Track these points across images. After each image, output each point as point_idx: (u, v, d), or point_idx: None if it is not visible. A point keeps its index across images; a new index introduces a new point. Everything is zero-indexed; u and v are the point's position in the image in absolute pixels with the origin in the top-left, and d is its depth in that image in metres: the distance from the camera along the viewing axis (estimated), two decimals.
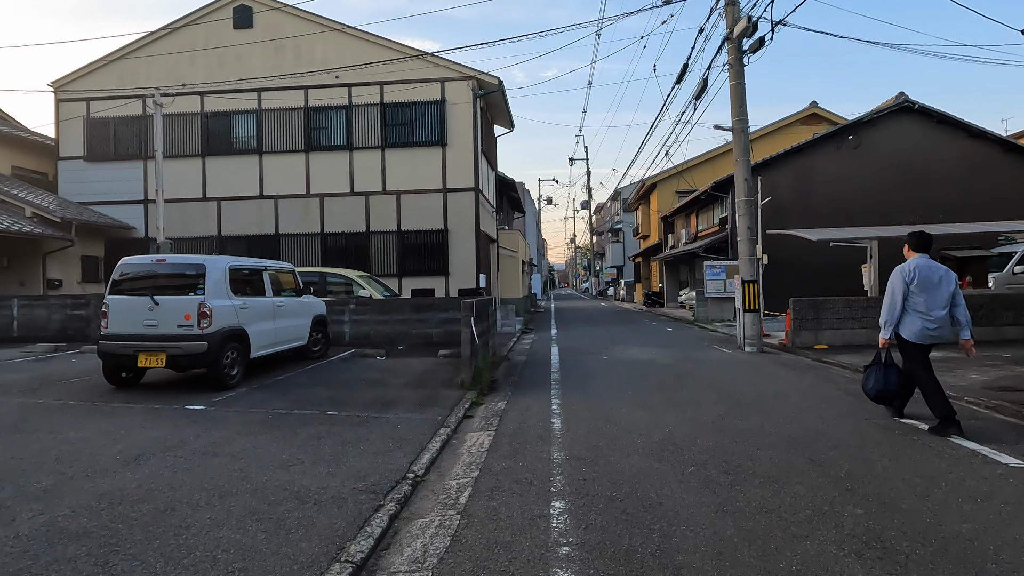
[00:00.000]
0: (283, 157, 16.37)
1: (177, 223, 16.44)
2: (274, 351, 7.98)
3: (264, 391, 6.81)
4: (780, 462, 4.15)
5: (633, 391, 6.97)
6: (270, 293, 7.92)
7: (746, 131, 10.61)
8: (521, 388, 7.40)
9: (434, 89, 16.04)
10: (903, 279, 4.93)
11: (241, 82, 16.25)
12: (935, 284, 4.86)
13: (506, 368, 9.22)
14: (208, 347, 6.49)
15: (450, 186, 16.00)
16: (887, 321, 5.00)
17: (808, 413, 5.68)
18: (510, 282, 22.15)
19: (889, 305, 5.00)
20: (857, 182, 17.76)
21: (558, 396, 6.77)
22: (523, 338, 14.44)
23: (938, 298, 4.83)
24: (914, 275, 4.89)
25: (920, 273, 4.88)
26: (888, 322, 4.99)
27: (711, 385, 7.32)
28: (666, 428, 5.17)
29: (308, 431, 5.04)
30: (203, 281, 6.64)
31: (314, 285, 11.64)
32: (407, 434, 4.98)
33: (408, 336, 10.89)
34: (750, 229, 10.61)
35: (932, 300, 4.83)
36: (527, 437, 5.01)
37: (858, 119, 17.67)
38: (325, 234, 16.27)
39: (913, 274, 4.90)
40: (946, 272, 4.94)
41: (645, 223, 34.26)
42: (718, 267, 18.09)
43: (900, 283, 4.94)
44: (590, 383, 7.61)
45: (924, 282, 4.86)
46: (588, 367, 9.04)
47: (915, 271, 4.90)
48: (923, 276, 4.87)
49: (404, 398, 6.48)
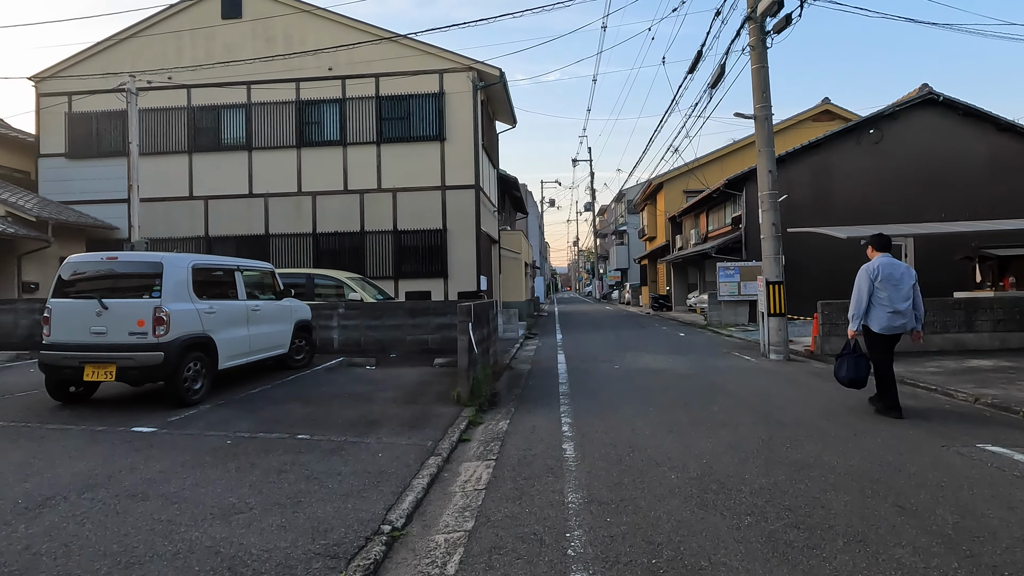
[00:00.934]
0: (273, 153, 15.54)
1: (162, 223, 15.65)
2: (248, 361, 7.10)
3: (231, 408, 5.93)
4: (861, 510, 3.25)
5: (655, 408, 6.07)
6: (243, 296, 7.05)
7: (770, 119, 9.74)
8: (526, 403, 6.51)
9: (432, 81, 15.20)
10: (869, 277, 5.45)
11: (230, 75, 15.44)
12: (898, 280, 5.39)
13: (509, 378, 8.34)
14: (165, 358, 5.62)
15: (449, 183, 15.15)
16: (854, 315, 5.52)
17: (868, 438, 4.77)
18: (513, 285, 21.26)
19: (856, 301, 5.51)
20: (878, 179, 16.85)
21: (568, 414, 5.87)
22: (527, 344, 13.55)
23: (901, 292, 5.37)
24: (878, 272, 5.43)
25: (883, 271, 5.41)
26: (855, 316, 5.51)
27: (743, 400, 6.41)
28: (702, 458, 4.27)
29: (269, 462, 4.16)
30: (160, 282, 5.77)
31: (301, 288, 10.79)
32: (389, 465, 4.10)
33: (402, 343, 10.01)
34: (775, 226, 9.72)
35: (896, 295, 5.36)
36: (534, 469, 4.11)
37: (879, 112, 16.77)
38: (318, 234, 15.42)
39: (877, 272, 5.43)
40: (907, 269, 5.51)
41: (652, 224, 33.37)
42: (732, 269, 17.18)
43: (866, 280, 5.46)
44: (604, 397, 6.72)
45: (888, 278, 5.39)
46: (599, 377, 8.15)
47: (879, 269, 5.44)
48: (886, 273, 5.40)
49: (391, 417, 5.59)
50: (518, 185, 21.49)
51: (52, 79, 16.06)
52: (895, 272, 5.42)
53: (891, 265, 5.45)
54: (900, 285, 5.37)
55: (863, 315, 5.47)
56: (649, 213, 33.72)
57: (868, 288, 5.44)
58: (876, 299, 5.41)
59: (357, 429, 5.12)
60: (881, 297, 5.38)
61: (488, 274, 17.37)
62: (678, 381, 7.75)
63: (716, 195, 19.30)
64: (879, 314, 5.40)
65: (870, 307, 5.44)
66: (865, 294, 5.45)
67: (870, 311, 5.45)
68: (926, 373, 7.73)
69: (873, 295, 5.42)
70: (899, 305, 5.34)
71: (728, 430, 5.07)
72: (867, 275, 5.46)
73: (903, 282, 5.38)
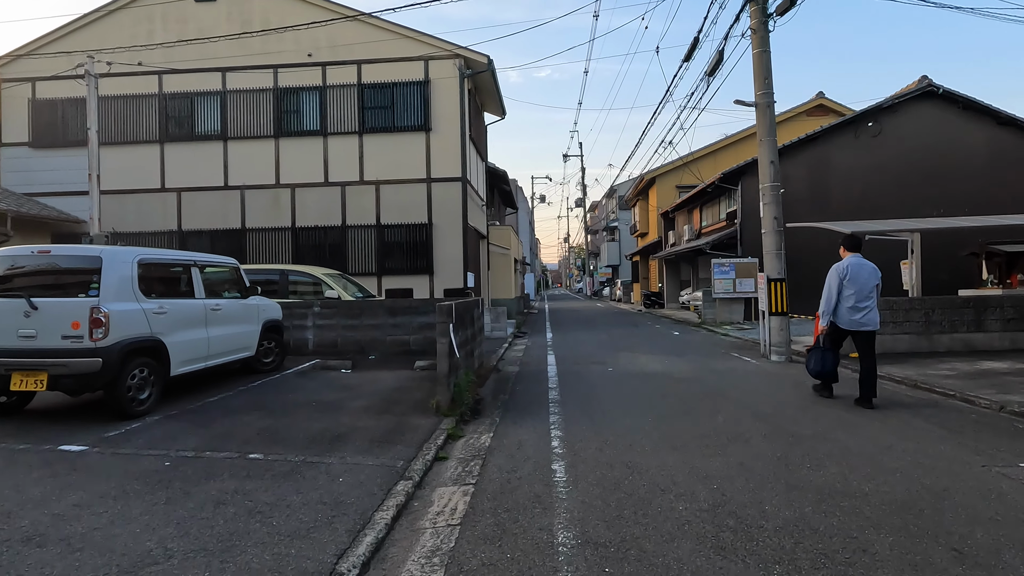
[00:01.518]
0: (250, 143, 14.80)
1: (133, 216, 14.90)
2: (208, 366, 6.45)
3: (182, 420, 5.30)
4: (912, 557, 2.70)
5: (654, 417, 5.51)
6: (201, 294, 6.39)
7: (772, 107, 9.20)
8: (512, 412, 5.93)
9: (417, 68, 14.53)
10: (838, 276, 5.75)
11: (204, 60, 14.67)
12: (865, 279, 5.70)
13: (495, 383, 7.75)
14: (104, 365, 4.97)
15: (435, 175, 14.50)
16: (824, 311, 5.84)
17: (897, 456, 4.24)
18: (502, 282, 20.66)
19: (826, 298, 5.82)
20: (876, 173, 16.42)
21: (559, 425, 5.30)
22: (516, 343, 12.97)
23: (866, 291, 5.69)
24: (847, 272, 5.73)
25: (852, 270, 5.73)
26: (825, 312, 5.84)
27: (749, 408, 5.86)
28: (712, 481, 3.71)
29: (208, 490, 3.54)
30: (98, 279, 5.11)
31: (274, 285, 10.15)
32: (349, 493, 3.50)
33: (382, 344, 9.39)
34: (776, 219, 9.20)
35: (860, 293, 5.68)
36: (519, 498, 3.53)
37: (877, 104, 16.32)
38: (297, 228, 14.72)
39: (846, 271, 5.73)
40: (873, 269, 5.79)
41: (643, 220, 32.89)
42: (727, 265, 16.69)
43: (836, 279, 5.78)
44: (597, 404, 6.15)
45: (855, 277, 5.70)
46: (592, 381, 7.58)
47: (848, 268, 5.74)
48: (854, 272, 5.72)
49: (360, 430, 4.99)
50: (507, 179, 20.86)
51: (14, 63, 15.20)
52: (862, 272, 5.73)
53: (859, 265, 5.76)
54: (866, 284, 5.71)
55: (832, 312, 5.81)
56: (641, 209, 33.23)
57: (837, 286, 5.75)
58: (842, 297, 5.73)
59: (320, 446, 4.51)
60: (847, 295, 5.68)
61: (476, 270, 16.76)
62: (677, 386, 7.20)
63: (711, 189, 18.80)
64: (844, 311, 5.73)
65: (839, 304, 5.76)
66: (835, 292, 5.75)
67: (839, 308, 5.77)
68: (940, 376, 7.25)
69: (841, 292, 5.73)
70: (862, 303, 5.68)
71: (738, 445, 4.52)
72: (837, 274, 5.78)
73: (869, 282, 5.72)
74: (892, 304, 9.39)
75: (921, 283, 10.08)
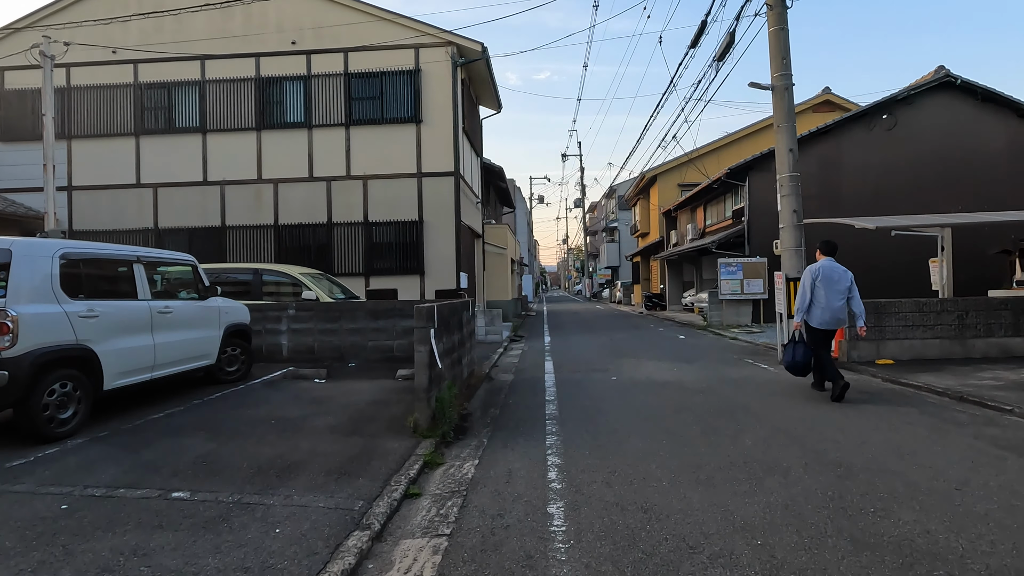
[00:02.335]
0: (231, 136, 13.97)
1: (106, 213, 14.07)
2: (154, 377, 5.62)
3: (109, 444, 4.46)
4: None
5: (668, 439, 4.69)
6: (146, 294, 5.56)
7: (790, 89, 8.41)
8: (503, 431, 5.10)
9: (407, 56, 13.72)
10: (811, 277, 6.18)
11: (182, 48, 13.87)
12: (835, 281, 6.09)
13: (486, 393, 6.93)
14: (11, 378, 4.14)
15: (426, 170, 13.68)
16: (798, 309, 6.27)
17: (977, 496, 3.41)
18: (498, 283, 19.83)
19: (800, 298, 6.24)
20: (891, 168, 15.63)
21: (557, 449, 4.47)
22: (511, 348, 12.16)
23: (836, 292, 6.06)
24: (819, 273, 6.13)
25: (824, 272, 6.13)
26: (799, 310, 6.26)
27: (779, 427, 5.04)
28: (754, 535, 2.88)
29: (98, 549, 2.71)
30: (6, 276, 4.28)
31: (247, 286, 9.33)
32: (282, 554, 2.67)
33: (363, 350, 8.56)
34: (796, 213, 8.40)
35: (831, 294, 6.06)
36: (504, 559, 2.71)
37: (892, 96, 15.53)
38: (280, 226, 13.88)
39: (818, 273, 6.14)
40: (844, 272, 6.17)
41: (644, 220, 32.09)
42: (734, 265, 15.89)
43: (809, 280, 6.19)
44: (602, 422, 5.33)
45: (826, 280, 6.10)
46: (595, 394, 6.76)
47: (820, 271, 6.15)
48: (826, 275, 6.12)
49: (319, 457, 4.16)
50: (504, 175, 20.03)
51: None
52: (833, 275, 6.13)
53: (831, 269, 6.17)
54: (836, 286, 6.07)
55: (806, 310, 6.21)
56: (642, 208, 32.43)
57: (810, 287, 6.17)
58: (815, 297, 6.14)
59: (264, 479, 3.68)
60: (819, 296, 6.10)
61: (470, 271, 15.95)
62: (690, 398, 6.38)
63: (716, 186, 18.00)
64: (815, 311, 6.14)
65: (812, 304, 6.16)
66: (808, 292, 6.18)
67: (812, 308, 6.17)
68: (987, 387, 6.43)
69: (814, 293, 6.13)
70: (833, 303, 6.07)
71: (776, 479, 3.70)
72: (810, 276, 6.22)
73: (840, 283, 6.09)
74: (923, 306, 8.59)
75: (952, 283, 9.26)
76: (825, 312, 6.07)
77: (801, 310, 6.23)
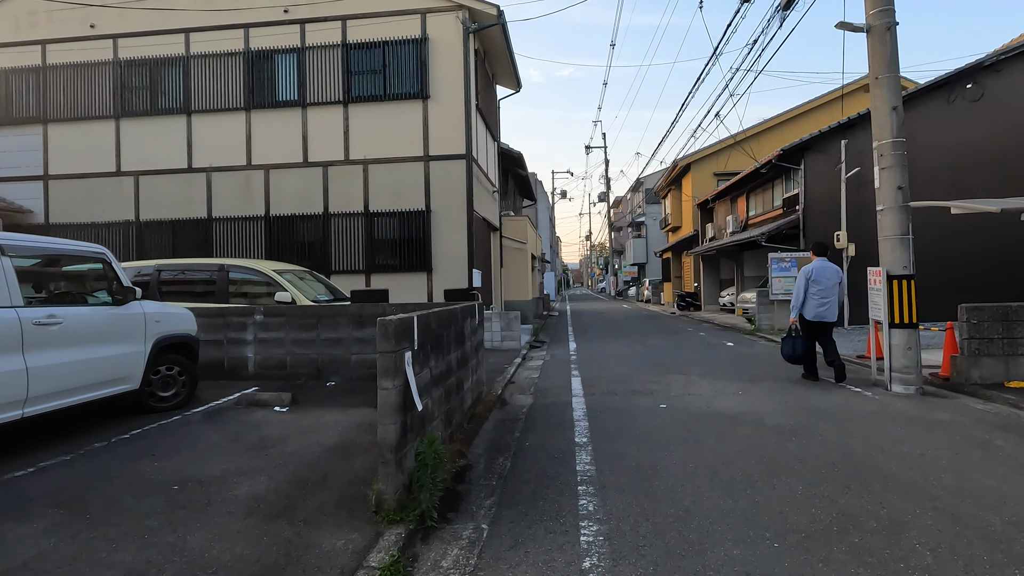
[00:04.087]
0: (217, 117, 12.50)
1: (82, 205, 12.76)
2: (25, 415, 4.02)
3: None
4: None
5: (783, 539, 2.88)
6: (15, 298, 3.96)
7: (893, 29, 6.48)
8: (513, 508, 3.36)
9: (412, 24, 12.05)
10: (806, 276, 7.04)
11: (165, 19, 12.45)
12: (827, 279, 6.98)
13: (495, 428, 5.20)
14: None
15: (434, 153, 12.01)
16: (794, 305, 7.12)
17: None
18: (517, 281, 18.08)
19: (796, 295, 7.11)
20: (975, 145, 13.42)
21: (598, 553, 2.71)
22: (531, 358, 10.41)
23: (828, 289, 6.95)
24: (812, 273, 7.01)
25: (816, 272, 7.00)
26: (794, 306, 7.10)
27: (945, 511, 3.19)
28: None
29: None
30: None
31: (210, 285, 7.76)
32: None
33: (345, 364, 6.90)
34: (901, 190, 6.49)
35: (824, 291, 6.95)
36: None
37: (978, 62, 13.30)
38: (271, 217, 12.37)
39: (812, 272, 7.01)
40: (835, 271, 7.05)
41: (676, 212, 29.97)
42: (788, 260, 13.87)
43: (803, 279, 7.05)
44: (663, 497, 3.54)
45: (819, 277, 6.97)
46: (642, 435, 4.97)
47: (813, 270, 7.02)
48: (819, 273, 6.98)
49: (202, 575, 2.47)
50: (523, 162, 18.23)
51: None
52: (825, 273, 6.96)
53: (823, 267, 6.99)
54: (829, 283, 6.94)
55: (800, 306, 7.02)
56: (673, 200, 30.31)
57: (804, 285, 7.00)
58: (809, 294, 6.96)
59: None
60: (812, 292, 6.94)
61: (486, 267, 14.24)
62: (780, 446, 4.54)
63: (765, 171, 15.93)
64: (810, 306, 6.95)
65: (806, 300, 6.97)
66: (803, 290, 7.00)
67: (806, 303, 6.98)
68: None
69: (808, 291, 6.96)
70: (825, 299, 6.91)
71: None
72: (804, 275, 7.02)
73: (831, 281, 6.95)
74: None
75: None
76: (819, 307, 6.91)
77: (796, 306, 7.07)
